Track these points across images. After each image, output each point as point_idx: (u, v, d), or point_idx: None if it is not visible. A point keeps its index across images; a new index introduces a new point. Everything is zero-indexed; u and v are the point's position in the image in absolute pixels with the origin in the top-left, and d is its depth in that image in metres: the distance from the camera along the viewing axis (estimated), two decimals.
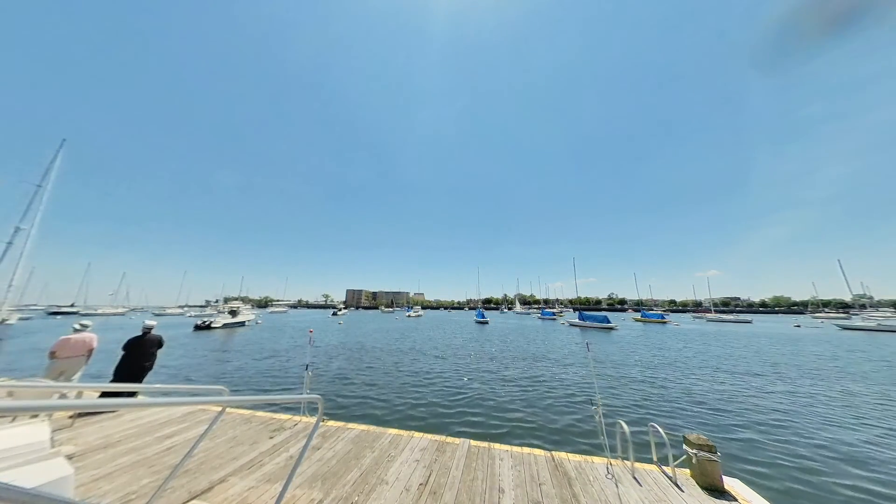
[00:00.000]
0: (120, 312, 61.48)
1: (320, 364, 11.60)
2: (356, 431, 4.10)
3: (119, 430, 4.00)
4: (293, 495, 2.72)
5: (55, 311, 63.24)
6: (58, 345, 4.52)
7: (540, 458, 3.52)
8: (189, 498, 2.70)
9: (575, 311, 58.73)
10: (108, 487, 2.81)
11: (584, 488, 2.98)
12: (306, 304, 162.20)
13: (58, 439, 3.50)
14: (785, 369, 11.51)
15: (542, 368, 11.14)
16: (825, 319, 52.41)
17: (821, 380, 9.97)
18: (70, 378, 4.52)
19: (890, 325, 32.24)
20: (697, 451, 3.13)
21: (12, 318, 21.57)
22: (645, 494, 2.93)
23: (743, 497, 2.92)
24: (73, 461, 3.11)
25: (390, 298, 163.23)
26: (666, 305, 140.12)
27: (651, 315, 43.06)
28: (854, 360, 13.60)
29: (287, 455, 3.49)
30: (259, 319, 36.67)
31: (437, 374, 10.03)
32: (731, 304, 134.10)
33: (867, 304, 51.35)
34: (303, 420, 4.51)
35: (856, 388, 9.04)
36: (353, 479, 3.03)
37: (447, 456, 3.51)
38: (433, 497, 2.79)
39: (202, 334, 22.17)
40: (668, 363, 12.45)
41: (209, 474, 3.06)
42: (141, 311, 76.36)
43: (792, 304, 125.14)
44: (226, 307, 32.93)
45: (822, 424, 6.29)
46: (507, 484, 3.01)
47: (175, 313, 60.51)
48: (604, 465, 3.43)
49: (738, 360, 13.18)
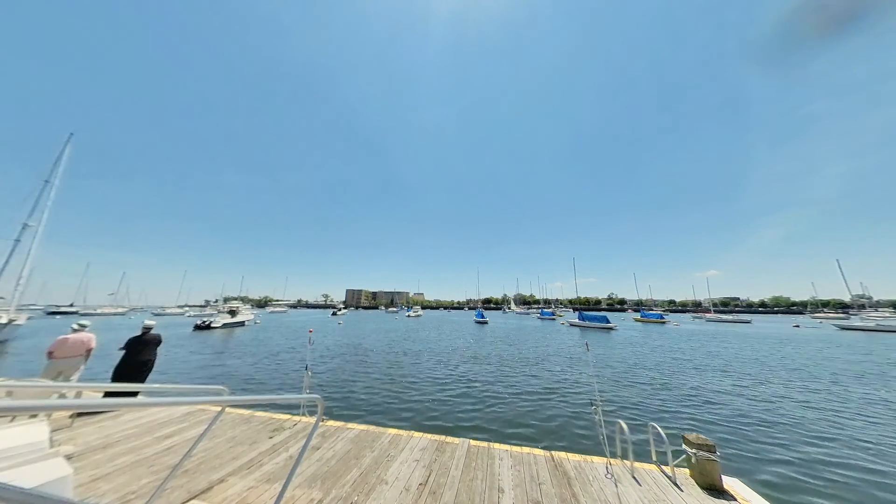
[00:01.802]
0: (120, 312, 61.36)
1: (320, 364, 11.59)
2: (356, 431, 4.10)
3: (118, 430, 3.99)
4: (293, 495, 2.72)
5: (54, 311, 63.06)
6: (56, 345, 4.50)
7: (539, 457, 3.53)
8: (188, 498, 2.69)
9: (574, 312, 58.76)
10: (107, 487, 2.81)
11: (583, 488, 2.98)
12: (306, 304, 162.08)
13: (57, 439, 3.50)
14: (784, 368, 11.54)
15: (542, 368, 11.15)
16: (824, 319, 52.50)
17: (815, 379, 9.99)
18: (68, 378, 4.51)
19: (889, 325, 32.28)
20: (697, 451, 3.13)
21: (21, 318, 20.19)
22: (644, 494, 2.93)
23: (742, 496, 2.93)
24: (72, 461, 3.10)
25: (390, 298, 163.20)
26: (665, 305, 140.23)
27: (650, 315, 43.12)
28: (849, 360, 13.64)
29: (287, 455, 3.49)
30: (258, 319, 36.61)
31: (437, 374, 10.05)
32: (731, 304, 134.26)
33: (866, 305, 51.41)
34: (302, 420, 4.51)
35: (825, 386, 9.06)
36: (353, 479, 3.02)
37: (447, 456, 3.51)
38: (433, 497, 2.79)
39: (202, 334, 22.14)
40: (667, 363, 12.47)
41: (208, 474, 3.06)
42: (141, 311, 76.22)
43: (791, 304, 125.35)
44: (225, 307, 32.85)
45: (803, 420, 6.31)
46: (506, 484, 3.01)
47: (175, 313, 60.42)
48: (603, 464, 3.43)
49: (735, 360, 13.20)
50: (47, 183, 21.30)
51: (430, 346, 16.96)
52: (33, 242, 20.21)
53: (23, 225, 20.68)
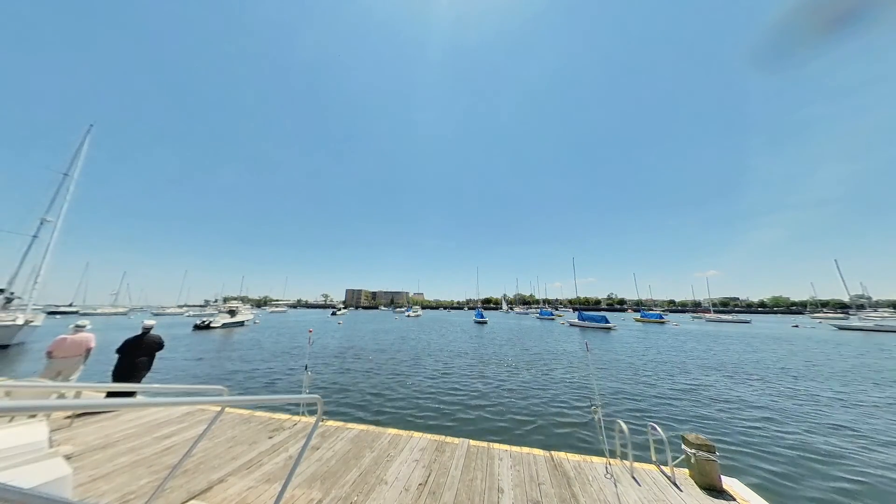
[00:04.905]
0: (121, 312, 61.26)
1: (319, 364, 11.59)
2: (355, 431, 4.10)
3: (118, 430, 3.99)
4: (292, 495, 2.72)
5: (54, 311, 62.94)
6: (55, 344, 4.50)
7: (539, 457, 3.53)
8: (188, 498, 2.69)
9: (574, 311, 58.77)
10: (106, 487, 2.80)
11: (583, 488, 2.98)
12: (306, 304, 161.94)
13: (56, 439, 3.49)
14: (782, 369, 11.56)
15: (541, 368, 11.16)
16: (823, 320, 52.54)
17: (809, 379, 10.01)
18: (68, 378, 4.50)
19: (888, 326, 32.31)
20: (696, 451, 3.14)
21: (38, 320, 18.40)
22: (644, 494, 2.93)
23: (741, 497, 2.93)
24: (72, 461, 3.10)
25: (390, 298, 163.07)
26: (665, 305, 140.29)
27: (650, 315, 43.17)
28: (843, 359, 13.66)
29: (286, 455, 3.48)
30: (258, 319, 36.60)
31: (437, 375, 10.05)
32: (731, 304, 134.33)
33: (866, 305, 51.43)
34: (302, 420, 4.51)
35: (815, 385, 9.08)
36: (353, 479, 3.02)
37: (446, 456, 3.51)
38: (432, 497, 2.79)
39: (201, 334, 22.11)
40: (666, 363, 12.47)
41: (208, 474, 3.06)
42: (141, 311, 76.14)
43: (791, 304, 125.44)
44: (225, 307, 32.81)
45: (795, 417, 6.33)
46: (506, 484, 3.01)
47: (174, 313, 60.36)
48: (603, 464, 3.43)
49: (734, 360, 13.21)
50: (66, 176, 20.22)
51: (430, 345, 16.96)
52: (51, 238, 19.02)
53: (40, 220, 19.55)
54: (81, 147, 20.93)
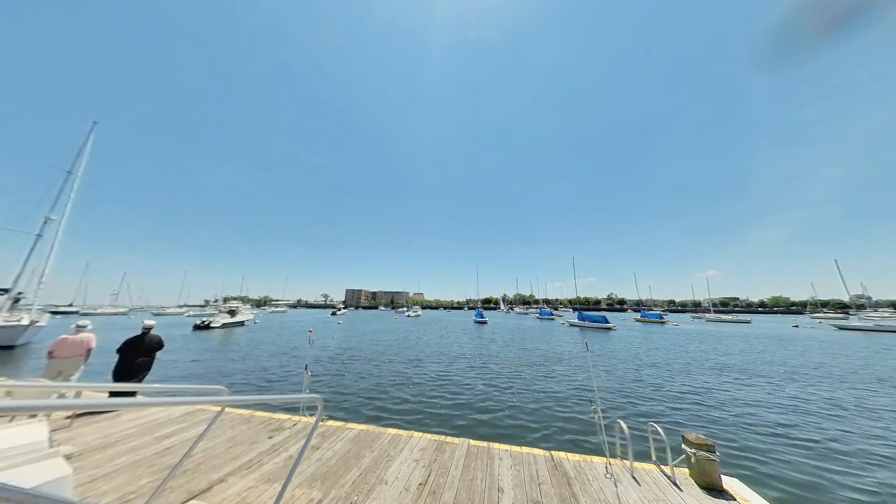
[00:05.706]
0: (122, 312, 61.30)
1: (319, 364, 11.59)
2: (355, 431, 4.10)
3: (118, 430, 3.99)
4: (292, 495, 2.72)
5: (54, 311, 62.96)
6: (56, 344, 4.50)
7: (539, 457, 3.53)
8: (188, 498, 2.69)
9: (574, 311, 58.77)
10: (106, 487, 2.80)
11: (583, 488, 2.98)
12: (306, 304, 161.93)
13: (56, 439, 3.49)
14: (780, 369, 11.56)
15: (541, 368, 11.16)
16: (823, 320, 52.54)
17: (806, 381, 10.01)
18: (68, 378, 4.50)
19: (887, 326, 32.30)
20: (696, 451, 3.14)
21: (43, 320, 18.26)
22: (644, 494, 2.93)
23: (742, 496, 2.93)
24: (72, 461, 3.10)
25: (390, 298, 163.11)
26: (665, 305, 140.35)
27: (650, 315, 43.20)
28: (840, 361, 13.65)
29: (286, 455, 3.48)
30: (257, 319, 36.59)
31: (437, 375, 10.05)
32: (731, 304, 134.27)
33: (866, 305, 51.42)
34: (302, 420, 4.51)
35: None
36: (353, 479, 3.02)
37: (446, 456, 3.51)
38: (432, 497, 2.79)
39: (201, 334, 22.11)
40: (666, 363, 12.47)
41: (208, 474, 3.06)
42: (141, 311, 76.17)
43: (791, 304, 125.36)
44: (225, 307, 32.79)
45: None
46: (506, 483, 3.01)
47: (174, 313, 60.37)
48: (603, 464, 3.43)
49: (734, 360, 13.22)
50: (70, 174, 19.97)
51: (431, 345, 16.95)
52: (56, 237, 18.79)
53: (44, 219, 19.28)
54: (86, 144, 20.73)
